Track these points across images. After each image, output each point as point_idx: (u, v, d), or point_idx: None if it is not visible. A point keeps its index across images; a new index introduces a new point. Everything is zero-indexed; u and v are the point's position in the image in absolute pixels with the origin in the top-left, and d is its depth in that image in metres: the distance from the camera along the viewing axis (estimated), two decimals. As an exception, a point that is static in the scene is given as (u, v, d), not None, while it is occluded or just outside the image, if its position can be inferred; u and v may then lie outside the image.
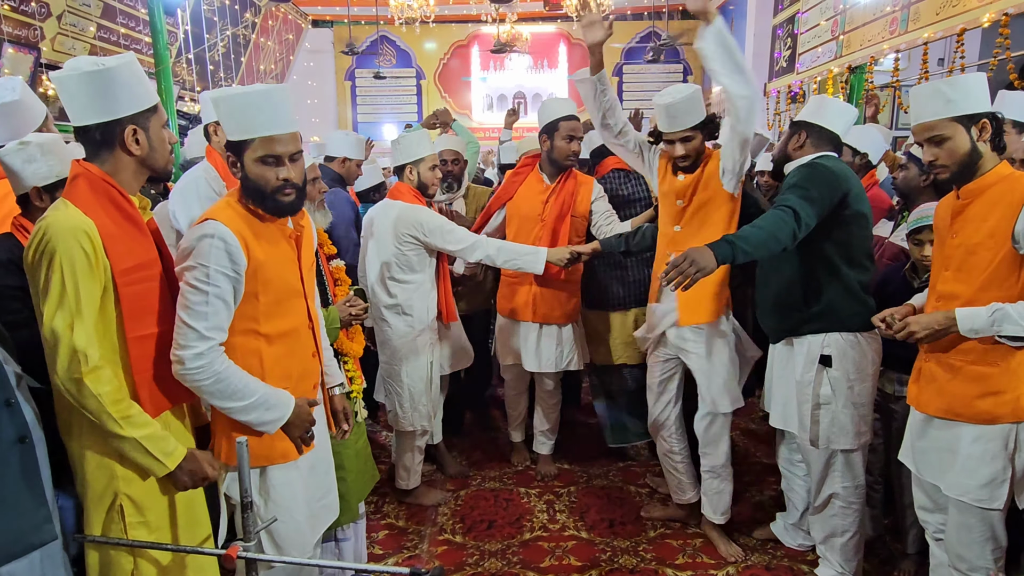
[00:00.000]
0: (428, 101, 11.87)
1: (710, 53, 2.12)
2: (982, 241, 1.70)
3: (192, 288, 1.51)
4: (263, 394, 1.59)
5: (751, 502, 3.02)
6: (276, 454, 1.69)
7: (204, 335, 1.50)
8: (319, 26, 11.50)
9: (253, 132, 1.57)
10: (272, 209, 1.63)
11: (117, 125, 1.47)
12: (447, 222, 2.73)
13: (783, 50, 8.05)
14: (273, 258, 1.64)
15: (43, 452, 1.48)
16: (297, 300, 1.72)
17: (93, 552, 1.53)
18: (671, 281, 1.86)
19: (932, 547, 2.01)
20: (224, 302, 1.54)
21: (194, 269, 1.52)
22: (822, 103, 2.29)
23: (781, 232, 1.95)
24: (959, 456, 1.77)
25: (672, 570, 2.53)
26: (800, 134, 2.26)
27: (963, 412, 1.76)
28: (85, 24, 6.03)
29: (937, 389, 1.82)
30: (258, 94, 1.56)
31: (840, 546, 2.30)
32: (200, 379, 1.51)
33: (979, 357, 1.73)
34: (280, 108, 1.60)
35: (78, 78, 1.43)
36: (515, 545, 2.71)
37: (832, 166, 2.14)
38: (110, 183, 1.48)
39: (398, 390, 2.83)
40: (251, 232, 1.60)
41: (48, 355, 1.40)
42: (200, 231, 1.54)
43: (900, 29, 5.22)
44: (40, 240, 1.40)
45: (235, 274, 1.55)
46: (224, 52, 8.55)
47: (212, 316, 1.52)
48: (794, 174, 2.17)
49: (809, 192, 2.04)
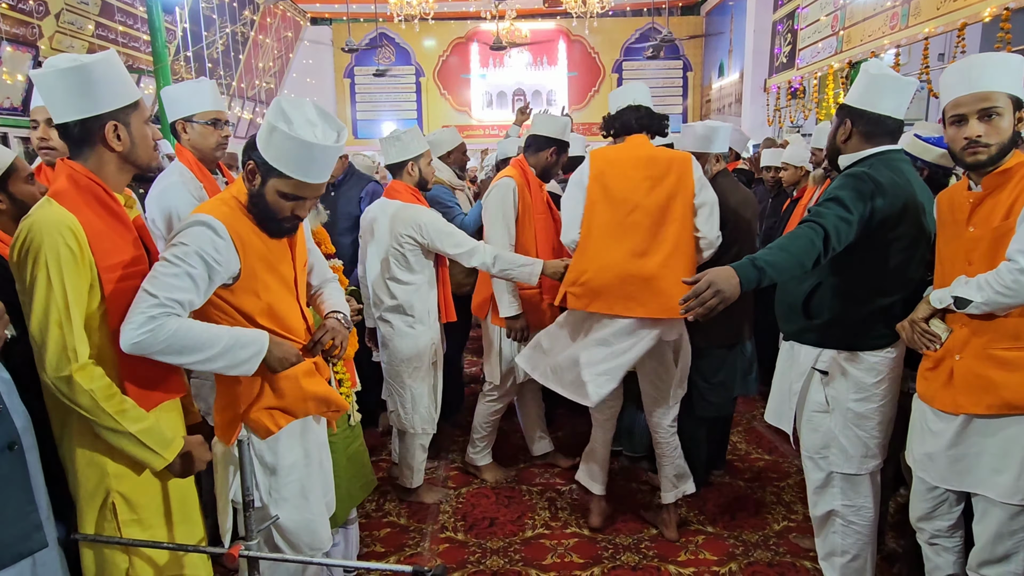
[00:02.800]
0: (427, 99, 11.87)
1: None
2: (1013, 229, 1.62)
3: (165, 261, 1.47)
4: (230, 336, 1.51)
5: (752, 499, 3.02)
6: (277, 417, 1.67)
7: (162, 302, 1.42)
8: (318, 23, 11.49)
9: (295, 174, 1.55)
10: (271, 231, 1.63)
11: (97, 121, 1.45)
12: (447, 224, 2.71)
13: (783, 46, 8.03)
14: (270, 256, 1.63)
15: (35, 458, 1.44)
16: (292, 300, 1.71)
17: (88, 551, 1.52)
18: (690, 310, 1.70)
19: (926, 551, 1.97)
20: (194, 282, 1.47)
21: (174, 246, 1.49)
22: (871, 81, 1.91)
23: (807, 258, 1.76)
24: (1017, 458, 1.65)
25: (674, 567, 2.53)
26: (845, 123, 1.95)
27: (1021, 403, 1.64)
28: (83, 22, 6.02)
29: (983, 386, 1.68)
30: (321, 150, 1.53)
31: (840, 567, 2.13)
32: (153, 343, 1.41)
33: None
34: (330, 163, 1.59)
35: (56, 75, 1.42)
36: (517, 543, 2.71)
37: (883, 180, 1.83)
38: (94, 180, 1.47)
39: (400, 391, 2.83)
40: (248, 231, 1.59)
41: (36, 353, 1.38)
42: (194, 218, 1.53)
43: (901, 24, 5.21)
44: (25, 238, 1.38)
45: (215, 264, 1.50)
46: (223, 50, 8.53)
47: (177, 290, 1.44)
48: (840, 181, 1.90)
49: (850, 214, 1.79)
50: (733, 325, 2.82)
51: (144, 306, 1.42)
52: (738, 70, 9.72)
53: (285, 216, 1.60)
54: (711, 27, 11.23)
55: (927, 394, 1.84)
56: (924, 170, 2.60)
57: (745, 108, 9.17)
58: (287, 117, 1.53)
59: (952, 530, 1.92)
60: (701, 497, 3.00)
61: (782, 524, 2.80)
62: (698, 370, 2.76)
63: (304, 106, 1.58)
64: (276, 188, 1.57)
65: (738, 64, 9.75)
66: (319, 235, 2.20)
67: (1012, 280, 1.58)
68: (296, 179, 1.55)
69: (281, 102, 1.56)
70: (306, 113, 1.57)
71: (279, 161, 1.53)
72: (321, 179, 1.59)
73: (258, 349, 1.54)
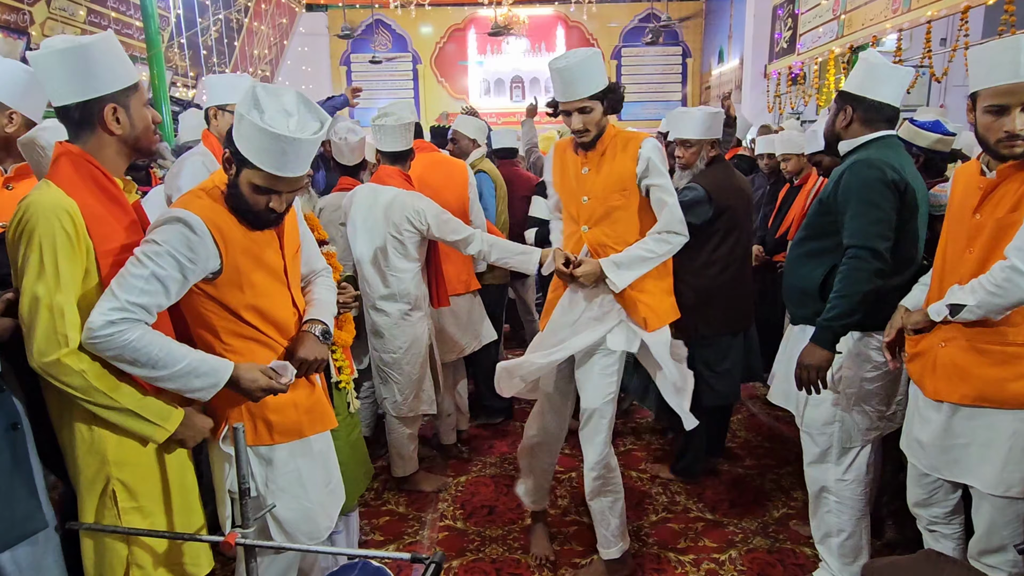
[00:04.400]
0: (424, 86, 11.78)
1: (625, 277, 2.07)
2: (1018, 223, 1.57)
3: (136, 260, 1.41)
4: (191, 361, 1.44)
5: (752, 486, 3.01)
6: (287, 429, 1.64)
7: (124, 306, 1.37)
8: (313, 10, 11.36)
9: (265, 166, 1.46)
10: (250, 224, 1.55)
11: (96, 104, 1.42)
12: (444, 211, 2.69)
13: (784, 31, 7.97)
14: (254, 248, 1.57)
15: (32, 441, 1.45)
16: (282, 290, 1.66)
17: (88, 539, 1.52)
18: (809, 393, 1.98)
19: (926, 537, 1.98)
20: (163, 286, 1.42)
21: (148, 243, 1.42)
22: (870, 70, 1.99)
23: (867, 284, 1.86)
24: (1001, 449, 1.64)
25: (674, 554, 2.52)
26: (846, 110, 2.00)
27: (994, 397, 1.64)
28: (75, 8, 5.94)
29: (960, 375, 1.69)
30: (292, 143, 1.43)
31: (836, 547, 2.15)
32: (107, 348, 1.36)
33: (1008, 337, 1.63)
34: (306, 157, 1.49)
35: (53, 56, 1.39)
36: (516, 531, 2.70)
37: (881, 176, 1.88)
38: (93, 164, 1.45)
39: (397, 378, 2.81)
40: (228, 224, 1.52)
41: (25, 336, 1.37)
42: (169, 213, 1.46)
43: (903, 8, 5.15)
44: (21, 218, 1.36)
45: (189, 263, 1.44)
46: (217, 37, 8.44)
47: (141, 293, 1.39)
48: (848, 189, 1.92)
49: (880, 228, 1.87)
50: (737, 312, 2.81)
51: (106, 307, 1.37)
52: (738, 56, 9.65)
53: (260, 209, 1.52)
54: (711, 13, 11.13)
55: (918, 379, 1.85)
56: (920, 156, 2.55)
57: (745, 94, 9.10)
58: (259, 105, 1.44)
59: (950, 516, 1.91)
60: (701, 484, 3.00)
61: (781, 511, 2.80)
62: (703, 359, 2.74)
63: (282, 95, 1.49)
64: (249, 180, 1.49)
65: (738, 50, 9.67)
66: (310, 221, 2.16)
67: (1004, 278, 1.54)
68: (267, 172, 1.46)
69: (256, 88, 1.47)
70: (282, 102, 1.48)
71: (250, 152, 1.45)
72: (296, 172, 1.49)
73: (214, 382, 1.47)
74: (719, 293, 2.74)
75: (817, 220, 2.07)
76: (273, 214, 1.54)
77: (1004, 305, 1.57)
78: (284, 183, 1.50)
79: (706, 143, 2.74)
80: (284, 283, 1.66)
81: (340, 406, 2.09)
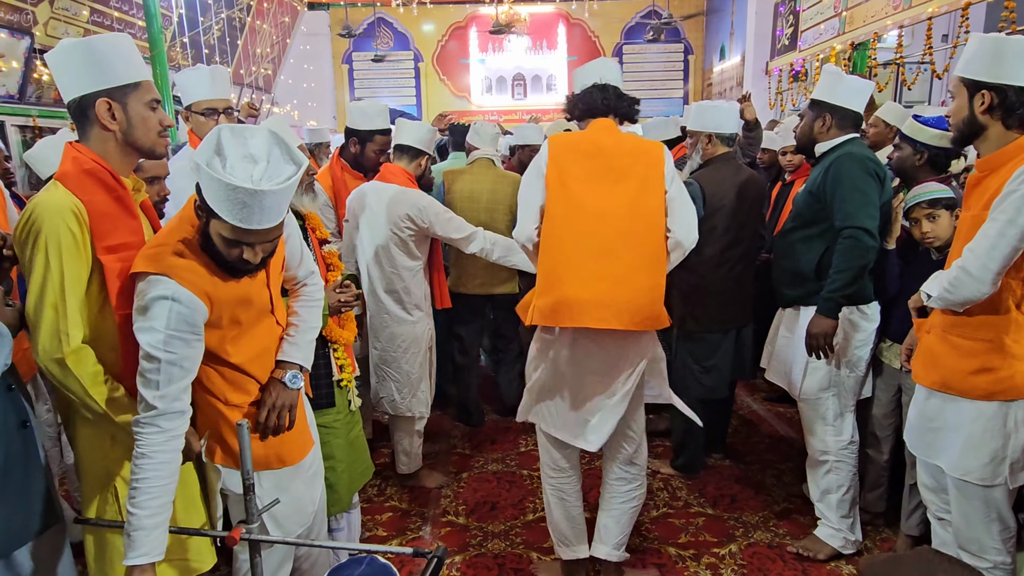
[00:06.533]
0: (426, 84, 11.77)
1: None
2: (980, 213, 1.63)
3: (146, 356, 1.37)
4: (154, 514, 1.37)
5: (753, 482, 3.03)
6: (273, 460, 1.66)
7: (150, 403, 1.37)
8: (315, 8, 11.35)
9: (229, 218, 1.33)
10: (229, 272, 1.46)
11: (91, 98, 1.44)
12: (445, 209, 2.70)
13: (785, 27, 7.95)
14: (239, 291, 1.52)
15: (39, 437, 1.48)
16: (267, 319, 1.63)
17: (90, 535, 1.54)
18: (819, 358, 2.26)
19: (934, 526, 2.00)
20: (180, 368, 1.39)
21: (147, 332, 1.36)
22: (838, 81, 2.31)
23: (863, 259, 2.14)
24: (962, 435, 1.74)
25: (675, 549, 2.54)
26: (825, 117, 2.31)
27: (956, 386, 1.74)
28: (78, 8, 5.96)
29: (932, 361, 1.81)
30: (251, 195, 1.29)
31: (836, 502, 2.39)
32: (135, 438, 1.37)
33: (971, 332, 1.71)
34: (273, 208, 1.34)
35: (62, 52, 1.42)
36: (518, 526, 2.72)
37: (864, 167, 2.20)
38: (99, 163, 1.46)
39: (396, 376, 2.82)
40: (212, 280, 1.44)
41: (31, 336, 1.39)
42: (155, 291, 1.37)
43: (904, 4, 5.14)
44: (28, 219, 1.38)
45: (193, 335, 1.41)
46: (219, 35, 8.45)
47: (164, 384, 1.37)
48: (838, 178, 2.20)
49: (869, 209, 2.16)
50: (729, 311, 2.80)
51: (140, 409, 1.38)
52: (739, 53, 9.63)
53: (234, 260, 1.42)
54: (712, 10, 11.11)
55: (912, 363, 1.96)
56: (924, 153, 2.52)
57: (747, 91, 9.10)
58: (222, 151, 1.32)
59: None
60: (702, 479, 3.01)
61: (782, 506, 2.82)
62: (691, 353, 2.78)
63: (251, 137, 1.36)
64: (217, 231, 1.38)
65: (739, 47, 9.65)
66: (312, 220, 2.16)
67: (954, 277, 1.64)
68: (232, 224, 1.34)
69: (221, 131, 1.34)
70: (249, 146, 1.35)
71: (214, 203, 1.33)
72: (265, 224, 1.35)
73: (137, 555, 1.35)
74: (710, 291, 2.73)
75: (807, 209, 2.33)
76: (249, 265, 1.44)
77: (955, 301, 1.67)
78: (254, 235, 1.38)
79: (703, 135, 2.74)
80: (269, 311, 1.63)
81: (341, 404, 2.11)
